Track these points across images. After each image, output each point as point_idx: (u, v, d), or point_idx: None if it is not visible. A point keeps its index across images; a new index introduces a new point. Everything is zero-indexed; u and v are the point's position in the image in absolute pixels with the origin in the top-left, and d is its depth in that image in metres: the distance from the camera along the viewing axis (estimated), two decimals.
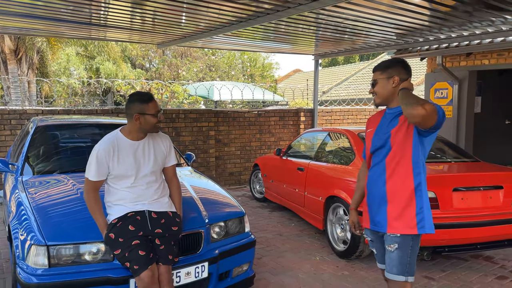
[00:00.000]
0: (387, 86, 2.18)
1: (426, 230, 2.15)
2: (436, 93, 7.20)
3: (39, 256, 2.38)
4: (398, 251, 2.16)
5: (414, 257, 2.19)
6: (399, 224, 2.16)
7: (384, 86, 2.19)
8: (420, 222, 2.15)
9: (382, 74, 2.20)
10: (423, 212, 2.16)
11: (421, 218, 2.15)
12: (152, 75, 21.22)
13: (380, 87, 2.21)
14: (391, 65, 2.19)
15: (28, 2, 4.47)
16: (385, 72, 2.19)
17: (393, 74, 2.17)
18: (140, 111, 2.48)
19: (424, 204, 2.17)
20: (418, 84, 15.63)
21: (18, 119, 6.45)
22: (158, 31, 6.06)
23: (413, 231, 2.14)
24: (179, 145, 7.37)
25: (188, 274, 2.65)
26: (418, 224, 2.14)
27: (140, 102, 2.50)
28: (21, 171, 3.47)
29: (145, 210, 2.54)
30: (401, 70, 2.18)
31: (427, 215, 2.17)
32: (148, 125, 2.51)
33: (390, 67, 2.19)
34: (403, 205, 2.15)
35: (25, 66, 14.02)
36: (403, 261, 2.16)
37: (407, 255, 2.16)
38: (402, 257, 2.16)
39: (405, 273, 2.16)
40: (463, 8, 4.31)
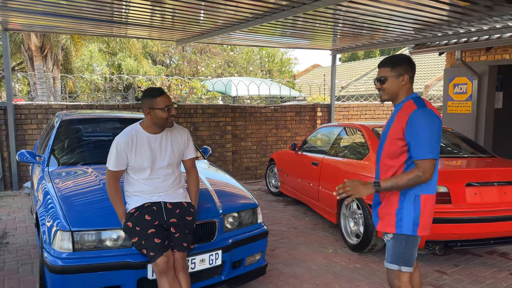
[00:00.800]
0: (397, 83, 2.24)
1: (403, 230, 2.20)
2: (455, 88, 7.11)
3: (64, 241, 2.55)
4: (393, 241, 2.27)
5: (410, 249, 2.24)
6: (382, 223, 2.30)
7: (394, 83, 2.24)
8: (398, 221, 2.22)
9: (392, 72, 2.24)
10: (402, 212, 2.21)
11: (399, 218, 2.22)
12: (172, 71, 21.53)
13: (389, 84, 2.25)
14: (400, 63, 2.24)
15: (53, 1, 4.68)
16: (395, 69, 2.23)
17: (402, 72, 2.23)
18: (150, 106, 2.60)
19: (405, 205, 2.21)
20: (438, 79, 15.34)
21: (44, 114, 6.74)
22: (177, 28, 6.20)
23: (391, 229, 2.24)
24: (197, 139, 7.53)
25: (202, 261, 2.78)
26: (397, 223, 2.22)
27: (149, 97, 2.62)
28: (47, 163, 3.67)
29: (161, 201, 2.67)
30: (408, 68, 2.24)
31: (406, 216, 2.20)
32: (158, 119, 2.61)
33: (399, 64, 2.24)
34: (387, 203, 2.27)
35: (50, 62, 14.47)
36: (396, 251, 2.24)
37: (401, 245, 2.23)
38: (396, 247, 2.25)
39: (399, 262, 2.23)
40: (483, 3, 4.26)
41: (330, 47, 8.31)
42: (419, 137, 2.10)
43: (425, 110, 2.15)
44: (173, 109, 2.63)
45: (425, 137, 2.09)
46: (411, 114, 2.15)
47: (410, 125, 2.13)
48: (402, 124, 2.18)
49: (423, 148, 2.10)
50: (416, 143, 2.12)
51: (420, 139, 2.10)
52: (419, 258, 4.00)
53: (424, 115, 2.13)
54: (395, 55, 2.32)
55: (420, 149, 2.11)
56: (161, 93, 2.63)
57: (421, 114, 2.13)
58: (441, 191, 3.48)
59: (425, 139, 2.09)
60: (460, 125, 6.72)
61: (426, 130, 2.10)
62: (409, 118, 2.15)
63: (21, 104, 6.76)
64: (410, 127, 2.13)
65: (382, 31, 6.10)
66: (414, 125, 2.12)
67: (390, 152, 2.26)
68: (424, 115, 2.13)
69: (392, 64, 2.25)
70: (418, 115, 2.13)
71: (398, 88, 2.25)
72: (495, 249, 4.28)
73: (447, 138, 4.69)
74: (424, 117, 2.12)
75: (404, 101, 2.27)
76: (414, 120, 2.12)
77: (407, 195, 2.21)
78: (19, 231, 4.69)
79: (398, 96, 2.28)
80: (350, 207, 4.37)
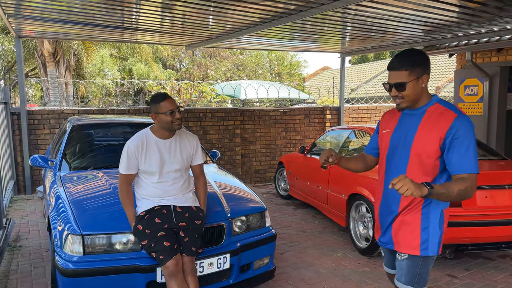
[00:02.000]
0: (417, 87, 1.92)
1: (429, 252, 1.95)
2: (466, 90, 7.03)
3: (75, 244, 2.60)
4: (407, 261, 2.00)
5: (427, 268, 2.00)
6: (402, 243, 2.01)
7: (414, 88, 1.92)
8: (424, 242, 1.95)
9: (411, 75, 1.90)
10: (428, 232, 1.95)
11: (425, 239, 1.95)
12: (182, 75, 21.71)
13: (410, 90, 1.92)
14: (417, 62, 1.91)
15: (65, 9, 4.78)
16: (414, 71, 1.90)
17: (422, 73, 1.91)
18: (155, 111, 2.66)
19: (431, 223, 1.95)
20: (448, 81, 15.18)
21: (57, 119, 6.86)
22: (187, 33, 6.27)
23: (415, 252, 1.96)
24: (206, 143, 7.58)
25: (211, 265, 2.80)
26: (422, 245, 1.95)
27: (154, 103, 2.67)
28: (59, 167, 3.74)
29: (170, 204, 2.71)
30: (427, 65, 1.94)
31: (432, 236, 1.95)
32: (163, 123, 2.66)
33: (418, 64, 1.91)
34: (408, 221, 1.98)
35: (63, 68, 14.73)
36: (412, 271, 1.99)
37: (417, 266, 1.98)
38: (412, 266, 1.99)
39: (414, 283, 1.99)
40: (494, 4, 4.22)
41: (339, 49, 8.30)
42: (469, 149, 1.83)
43: (468, 118, 1.89)
44: (178, 112, 2.66)
45: (473, 149, 1.84)
46: (453, 122, 1.86)
47: (454, 136, 1.84)
48: (441, 133, 1.87)
49: (472, 161, 1.83)
50: (464, 155, 1.83)
51: (469, 151, 1.83)
52: None
53: (470, 125, 1.88)
54: (408, 53, 1.95)
55: (469, 162, 1.83)
56: (163, 98, 2.67)
57: (467, 123, 1.87)
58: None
59: (473, 152, 1.84)
60: None
61: (472, 141, 1.86)
62: (451, 126, 1.85)
63: (34, 110, 6.90)
64: (454, 138, 1.84)
65: (391, 33, 6.08)
66: (461, 136, 1.84)
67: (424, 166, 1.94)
68: (469, 124, 1.88)
69: (410, 65, 1.90)
70: (464, 125, 1.86)
71: (419, 92, 1.93)
72: (507, 253, 4.21)
73: None
74: (470, 127, 1.87)
75: (427, 105, 1.97)
76: (460, 131, 1.84)
77: (432, 212, 1.96)
78: (32, 234, 4.78)
79: (419, 100, 1.97)
80: (359, 210, 4.35)
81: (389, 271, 2.28)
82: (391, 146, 2.05)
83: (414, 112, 1.98)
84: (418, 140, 1.93)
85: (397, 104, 1.99)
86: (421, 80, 1.91)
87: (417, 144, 1.93)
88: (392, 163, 2.04)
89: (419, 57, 1.92)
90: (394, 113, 2.13)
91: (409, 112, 2.00)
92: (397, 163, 2.00)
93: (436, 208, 1.95)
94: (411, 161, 1.95)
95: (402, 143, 1.98)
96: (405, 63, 1.90)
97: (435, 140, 1.88)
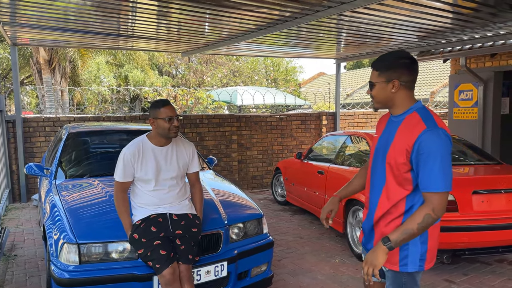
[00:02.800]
0: (385, 91, 1.84)
1: (408, 268, 1.83)
2: (460, 95, 7.09)
3: (71, 253, 2.57)
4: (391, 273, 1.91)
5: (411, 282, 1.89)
6: None
7: (382, 89, 1.85)
8: (403, 259, 1.84)
9: (380, 77, 1.84)
10: (407, 249, 1.82)
11: (405, 255, 1.83)
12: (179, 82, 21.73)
13: (377, 92, 1.86)
14: (391, 66, 1.83)
15: (61, 17, 4.78)
16: (384, 74, 1.83)
17: (392, 77, 1.81)
18: (154, 116, 2.66)
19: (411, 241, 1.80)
20: (443, 86, 15.29)
21: (52, 126, 6.83)
22: (183, 40, 6.29)
23: (394, 267, 1.86)
24: (203, 149, 7.57)
25: (208, 273, 2.78)
26: (401, 261, 1.84)
27: (154, 108, 2.68)
28: (55, 175, 3.72)
29: (166, 212, 2.70)
30: (403, 71, 1.81)
31: (412, 253, 1.83)
32: (161, 129, 2.66)
33: (391, 68, 1.82)
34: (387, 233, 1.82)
35: (58, 75, 14.69)
36: (398, 282, 1.90)
37: (401, 279, 1.88)
38: (396, 278, 1.89)
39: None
40: (487, 10, 4.27)
41: (334, 55, 8.35)
42: (434, 165, 1.69)
43: (438, 131, 1.72)
44: (176, 120, 2.66)
45: (439, 165, 1.68)
46: (419, 136, 1.72)
47: (419, 150, 1.72)
48: (407, 146, 1.76)
49: (437, 178, 1.68)
50: (426, 172, 1.70)
51: (435, 168, 1.68)
52: None
53: (439, 139, 1.71)
54: (388, 54, 1.89)
55: (430, 179, 1.69)
56: (164, 104, 2.67)
57: (435, 137, 1.71)
58: (448, 199, 3.45)
59: (439, 168, 1.68)
60: (466, 132, 6.69)
61: (439, 157, 1.69)
62: (416, 140, 1.72)
63: (29, 117, 6.87)
64: (419, 153, 1.72)
65: (386, 39, 6.13)
66: (424, 151, 1.71)
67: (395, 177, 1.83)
68: (438, 138, 1.71)
69: (383, 67, 1.84)
70: (431, 139, 1.71)
71: (388, 96, 1.84)
72: (505, 257, 4.22)
73: (453, 145, 4.67)
74: (437, 141, 1.71)
75: (405, 113, 1.85)
76: (424, 145, 1.71)
77: None
78: (27, 243, 4.74)
79: (393, 105, 1.87)
80: (356, 216, 4.35)
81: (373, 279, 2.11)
82: (376, 151, 1.97)
83: (395, 119, 1.89)
84: (391, 149, 1.83)
85: (372, 103, 1.97)
86: (391, 84, 1.82)
87: (390, 153, 1.84)
88: (375, 169, 1.95)
89: (394, 62, 1.83)
90: (386, 117, 2.02)
91: (393, 118, 1.91)
92: (379, 169, 1.92)
93: None
94: (387, 171, 1.86)
95: (383, 149, 1.89)
96: (378, 64, 1.87)
97: (402, 151, 1.78)
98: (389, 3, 3.97)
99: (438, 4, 4.06)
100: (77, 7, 4.37)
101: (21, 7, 4.41)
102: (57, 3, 4.20)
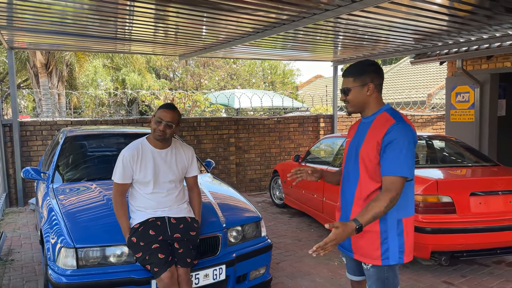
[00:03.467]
0: (361, 94, 2.03)
1: (390, 261, 1.97)
2: (457, 97, 7.12)
3: (68, 257, 2.56)
4: (373, 269, 2.02)
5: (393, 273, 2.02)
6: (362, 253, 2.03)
7: (358, 94, 2.03)
8: (384, 253, 1.97)
9: (356, 82, 2.03)
10: (387, 242, 1.97)
11: (385, 249, 1.97)
12: (176, 85, 21.71)
13: (353, 96, 2.04)
14: (364, 71, 2.03)
15: (58, 21, 4.77)
16: (359, 79, 2.02)
17: (367, 81, 2.01)
18: (154, 114, 2.71)
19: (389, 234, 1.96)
20: (440, 88, 15.35)
21: (49, 130, 6.81)
22: (180, 43, 6.29)
23: (377, 262, 1.99)
24: (200, 152, 7.56)
25: (206, 276, 2.77)
26: (382, 255, 1.97)
27: (158, 108, 2.73)
28: (52, 179, 3.70)
29: (165, 216, 2.69)
30: (374, 76, 2.03)
31: (392, 245, 1.97)
32: (151, 128, 2.69)
33: (364, 73, 2.02)
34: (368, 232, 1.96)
35: (55, 79, 14.65)
36: (380, 277, 2.01)
37: (383, 272, 2.01)
38: (379, 273, 2.01)
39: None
40: (483, 12, 4.30)
41: (331, 58, 8.37)
42: (400, 153, 1.88)
43: (406, 125, 1.94)
44: (164, 125, 2.62)
45: (405, 154, 1.88)
46: (389, 128, 1.92)
47: (389, 140, 1.91)
48: (378, 138, 1.94)
49: (400, 163, 1.87)
50: (392, 158, 1.89)
51: (399, 156, 1.88)
52: (426, 269, 3.96)
53: (406, 131, 1.92)
54: (357, 62, 2.09)
55: (395, 164, 1.88)
56: (166, 107, 2.70)
57: (402, 129, 1.92)
58: (445, 201, 3.47)
59: (404, 156, 1.88)
60: (463, 134, 6.71)
61: (405, 146, 1.89)
62: (386, 132, 1.92)
63: (26, 121, 6.84)
64: (389, 142, 1.91)
65: (382, 42, 6.15)
66: (392, 140, 1.90)
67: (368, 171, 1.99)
68: (405, 130, 1.92)
69: (356, 73, 2.04)
70: (399, 130, 1.91)
71: (364, 99, 2.03)
72: (502, 259, 4.23)
73: (450, 147, 4.68)
74: (404, 133, 1.91)
75: (376, 113, 2.04)
76: (393, 135, 1.90)
77: (388, 222, 1.97)
78: (24, 247, 4.71)
79: (366, 107, 2.06)
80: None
81: (352, 277, 2.28)
82: (348, 152, 2.14)
83: (365, 120, 2.09)
84: (364, 145, 2.01)
85: (346, 108, 2.14)
86: (366, 87, 2.01)
87: (363, 149, 2.01)
88: (349, 169, 2.11)
89: (367, 67, 2.04)
90: (357, 122, 2.22)
91: (363, 120, 2.10)
92: (352, 169, 2.08)
93: (392, 219, 1.97)
94: (360, 166, 2.02)
95: (355, 148, 2.07)
96: (351, 71, 2.05)
97: (373, 145, 1.96)
98: (386, 6, 3.98)
99: (435, 7, 4.08)
100: (74, 10, 4.37)
101: (18, 10, 4.40)
102: (55, 7, 4.20)
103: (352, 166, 2.08)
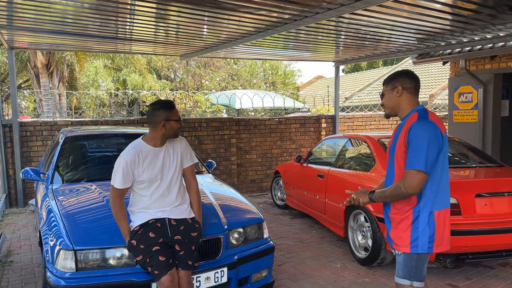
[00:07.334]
0: (392, 96, 2.29)
1: (419, 249, 2.17)
2: (460, 97, 7.06)
3: (67, 260, 2.51)
4: (404, 255, 2.23)
5: (421, 264, 2.21)
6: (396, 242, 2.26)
7: (390, 97, 2.30)
8: (414, 241, 2.18)
9: (387, 86, 2.32)
10: (417, 231, 2.18)
11: (415, 237, 2.18)
12: (177, 85, 21.67)
13: (386, 99, 2.33)
14: (394, 77, 2.31)
15: (59, 20, 4.73)
16: (389, 84, 2.31)
17: (396, 84, 2.27)
18: (166, 118, 2.61)
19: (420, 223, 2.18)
20: (442, 88, 15.29)
21: (49, 130, 6.77)
22: (181, 43, 6.25)
23: (405, 249, 2.20)
24: (202, 153, 7.51)
25: (207, 279, 2.73)
26: (412, 243, 2.18)
27: (165, 109, 2.63)
28: (51, 180, 3.66)
29: (165, 217, 2.64)
30: (404, 80, 2.27)
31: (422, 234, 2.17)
32: (172, 130, 2.64)
33: (394, 78, 2.30)
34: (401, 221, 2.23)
35: (56, 79, 14.63)
36: (408, 266, 2.21)
37: (412, 261, 2.20)
38: (408, 260, 2.21)
39: (411, 277, 2.21)
40: (486, 11, 4.25)
41: (333, 58, 8.32)
42: (415, 148, 2.10)
43: (426, 121, 2.15)
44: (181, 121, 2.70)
45: (418, 147, 2.09)
46: (411, 125, 2.16)
47: (410, 137, 2.14)
48: (403, 137, 2.18)
49: (413, 158, 2.09)
50: (408, 153, 2.13)
51: (414, 150, 2.10)
52: (430, 271, 3.91)
53: (422, 126, 2.13)
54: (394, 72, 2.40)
55: (409, 158, 2.12)
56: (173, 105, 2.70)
57: (422, 125, 2.13)
58: (451, 202, 3.41)
59: (417, 150, 2.09)
60: (466, 134, 6.65)
61: (420, 141, 2.10)
62: (408, 130, 2.15)
63: (26, 121, 6.81)
64: (410, 140, 2.14)
65: (385, 42, 6.10)
66: (411, 136, 2.13)
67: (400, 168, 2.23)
68: (422, 126, 2.13)
69: (388, 79, 2.33)
70: (417, 128, 2.13)
71: (395, 101, 2.28)
72: (508, 261, 4.17)
73: (454, 148, 4.63)
74: (421, 128, 2.12)
75: (409, 114, 2.26)
76: (413, 132, 2.13)
77: (421, 213, 2.18)
78: (23, 249, 4.66)
79: (399, 109, 2.30)
80: (357, 220, 4.30)
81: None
82: (389, 151, 2.38)
83: (401, 122, 2.31)
84: (396, 146, 2.26)
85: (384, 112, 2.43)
86: (396, 90, 2.27)
87: (395, 149, 2.26)
88: (388, 168, 2.37)
89: (397, 73, 2.32)
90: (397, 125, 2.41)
91: (401, 121, 2.32)
92: (390, 167, 2.34)
93: (424, 211, 2.17)
94: (395, 165, 2.27)
95: (392, 150, 2.31)
96: (386, 78, 2.37)
97: (401, 144, 2.20)
98: (389, 5, 3.94)
99: (438, 6, 4.03)
100: (75, 10, 4.33)
101: (19, 10, 4.36)
102: (55, 6, 4.16)
103: (390, 165, 2.33)
